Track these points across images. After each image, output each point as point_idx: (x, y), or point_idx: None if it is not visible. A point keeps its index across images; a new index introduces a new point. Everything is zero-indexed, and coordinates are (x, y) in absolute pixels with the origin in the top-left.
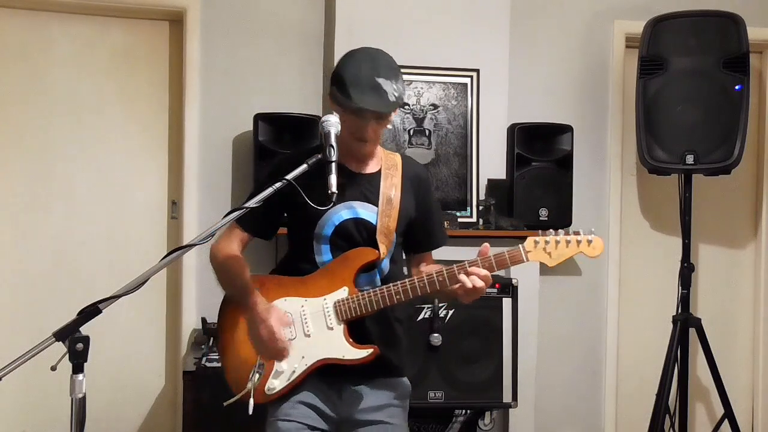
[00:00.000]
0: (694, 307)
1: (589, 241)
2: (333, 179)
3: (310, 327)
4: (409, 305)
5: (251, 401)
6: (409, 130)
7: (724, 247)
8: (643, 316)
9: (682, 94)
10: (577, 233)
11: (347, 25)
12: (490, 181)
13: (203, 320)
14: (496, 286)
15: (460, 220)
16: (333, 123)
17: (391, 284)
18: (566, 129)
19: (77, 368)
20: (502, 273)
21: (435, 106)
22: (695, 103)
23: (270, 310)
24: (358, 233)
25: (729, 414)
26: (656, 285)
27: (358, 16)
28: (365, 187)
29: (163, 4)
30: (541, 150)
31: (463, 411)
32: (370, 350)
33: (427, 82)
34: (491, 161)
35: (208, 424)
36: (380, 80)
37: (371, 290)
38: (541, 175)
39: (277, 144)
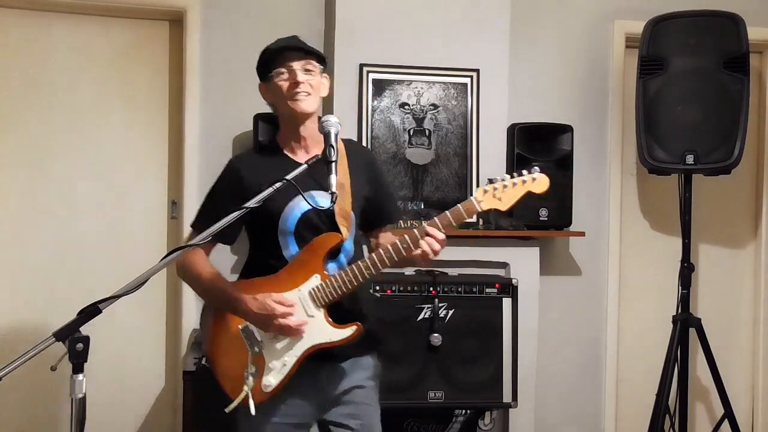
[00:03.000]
0: (694, 307)
1: (534, 179)
2: (333, 179)
3: (292, 319)
4: (371, 285)
5: (251, 403)
6: (409, 130)
7: (724, 247)
8: (643, 316)
9: (682, 94)
10: (521, 174)
11: (347, 25)
12: (490, 181)
13: None
14: (496, 286)
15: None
16: (333, 123)
17: (359, 261)
18: (566, 129)
19: (77, 368)
20: (501, 273)
21: (435, 106)
22: (695, 103)
23: (260, 299)
24: (321, 221)
25: (729, 414)
26: (656, 285)
27: (358, 16)
28: (316, 174)
29: (163, 4)
30: (541, 150)
31: (463, 411)
32: (354, 327)
33: (427, 82)
34: (491, 161)
35: (208, 424)
36: (296, 36)
37: (341, 271)
38: None
39: None
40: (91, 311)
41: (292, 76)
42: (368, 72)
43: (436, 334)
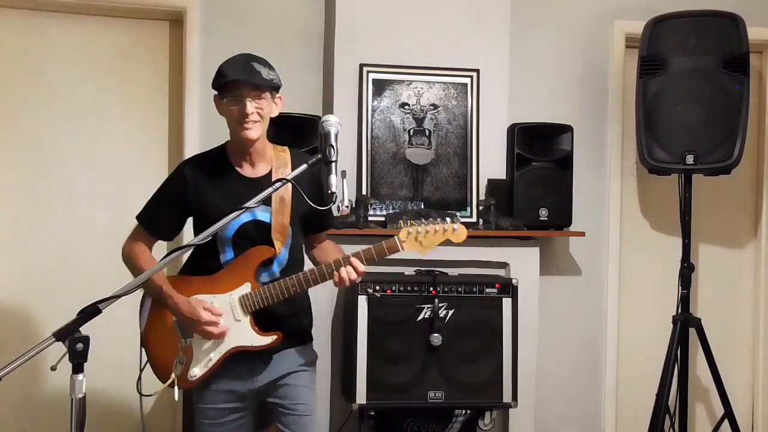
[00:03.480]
0: (694, 307)
1: (454, 229)
2: (333, 179)
3: (221, 320)
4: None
5: (176, 389)
6: (409, 130)
7: (724, 247)
8: (643, 316)
9: (682, 94)
10: (444, 221)
11: (347, 25)
12: (490, 181)
13: None
14: (496, 286)
15: (460, 220)
16: (333, 123)
17: (287, 278)
18: (566, 129)
19: (77, 368)
20: (501, 273)
21: (435, 106)
22: (695, 103)
23: (187, 298)
24: (257, 233)
25: (729, 414)
26: (656, 285)
27: (358, 16)
28: (258, 190)
29: (163, 4)
30: (541, 150)
31: (463, 411)
32: (274, 337)
33: (427, 82)
34: (491, 161)
35: None
36: (253, 63)
37: (270, 285)
38: (541, 175)
39: (277, 144)
40: (91, 311)
41: (241, 106)
42: (368, 72)
43: (436, 334)
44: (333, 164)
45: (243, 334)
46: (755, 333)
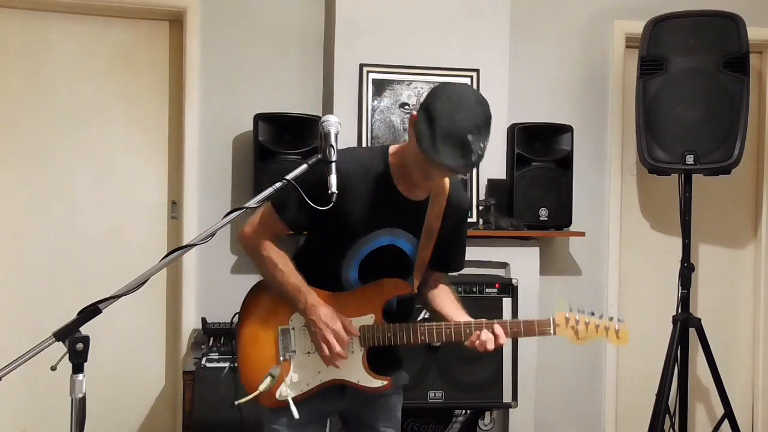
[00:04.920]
0: (694, 307)
1: (617, 331)
2: (333, 179)
3: (339, 349)
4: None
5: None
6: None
7: (724, 247)
8: (643, 316)
9: (682, 94)
10: (610, 318)
11: (347, 25)
12: (490, 181)
13: (203, 320)
14: (496, 286)
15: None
16: (333, 123)
17: (418, 324)
18: (566, 129)
19: (77, 368)
20: (501, 273)
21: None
22: (695, 103)
23: (333, 315)
24: (391, 259)
25: (729, 414)
26: (656, 285)
27: (358, 16)
28: (410, 216)
29: (163, 4)
30: (541, 150)
31: (463, 411)
32: (384, 382)
33: (427, 82)
34: (491, 161)
35: (208, 424)
36: (470, 137)
37: (398, 325)
38: (541, 175)
39: (277, 144)
40: (91, 311)
41: (440, 174)
42: (368, 72)
43: None
44: (333, 164)
45: (353, 368)
46: (755, 333)
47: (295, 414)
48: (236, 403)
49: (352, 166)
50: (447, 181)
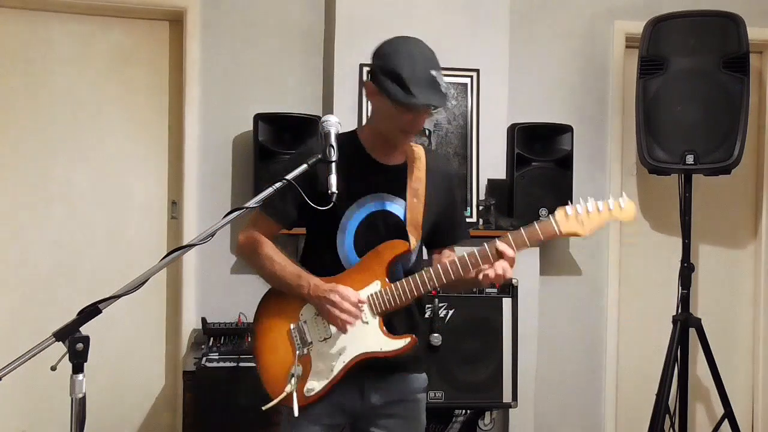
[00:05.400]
0: (694, 307)
1: (621, 207)
2: (333, 179)
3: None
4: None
5: (295, 405)
6: None
7: (724, 247)
8: (643, 316)
9: (682, 94)
10: (607, 200)
11: (347, 25)
12: (490, 181)
13: (203, 320)
14: (496, 286)
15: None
16: (333, 123)
17: (422, 271)
18: (566, 129)
19: (77, 368)
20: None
21: (435, 106)
22: (695, 103)
23: (336, 285)
24: (385, 226)
25: (729, 414)
26: (656, 285)
27: (358, 16)
28: (392, 180)
29: (163, 4)
30: (541, 150)
31: (463, 411)
32: (408, 339)
33: None
34: (491, 161)
35: (208, 424)
36: (434, 73)
37: (404, 280)
38: (541, 175)
39: (277, 144)
40: (91, 311)
41: (417, 121)
42: (368, 72)
43: (436, 334)
44: (333, 164)
45: (371, 337)
46: (755, 333)
47: (296, 411)
48: (263, 408)
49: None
50: (421, 150)
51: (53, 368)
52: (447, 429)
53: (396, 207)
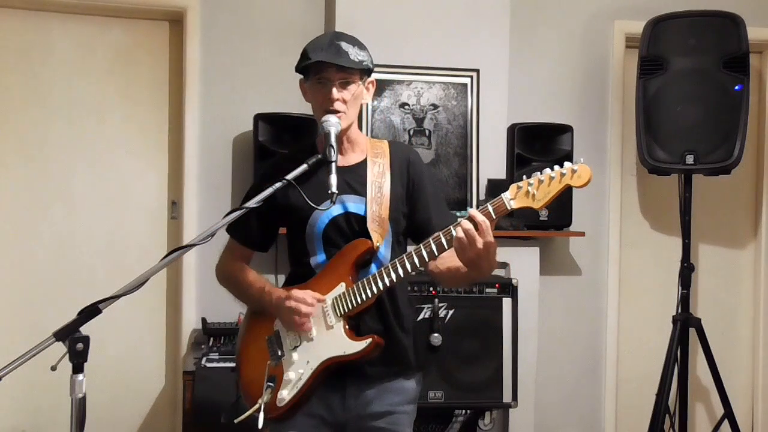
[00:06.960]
0: (694, 307)
1: (574, 171)
2: (333, 179)
3: (313, 331)
4: (411, 306)
5: (260, 415)
6: (409, 130)
7: (724, 247)
8: (643, 316)
9: (682, 94)
10: (560, 166)
11: (347, 25)
12: (490, 181)
13: (203, 320)
14: (496, 286)
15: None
16: (333, 123)
17: (388, 264)
18: (566, 129)
19: (77, 368)
20: (501, 273)
21: (435, 106)
22: (695, 103)
23: (292, 291)
24: (349, 227)
25: (729, 414)
26: (656, 285)
27: (358, 16)
28: (352, 179)
29: (163, 4)
30: (541, 150)
31: (463, 411)
32: (369, 340)
33: (427, 82)
34: (491, 161)
35: (208, 424)
36: (340, 42)
37: (363, 279)
38: None
39: (277, 144)
40: (91, 311)
41: (326, 91)
42: None
43: (436, 334)
44: (333, 164)
45: (336, 341)
46: (755, 333)
47: (259, 423)
48: (235, 421)
49: (280, 160)
50: (386, 144)
51: (53, 368)
52: (447, 429)
53: (358, 206)
